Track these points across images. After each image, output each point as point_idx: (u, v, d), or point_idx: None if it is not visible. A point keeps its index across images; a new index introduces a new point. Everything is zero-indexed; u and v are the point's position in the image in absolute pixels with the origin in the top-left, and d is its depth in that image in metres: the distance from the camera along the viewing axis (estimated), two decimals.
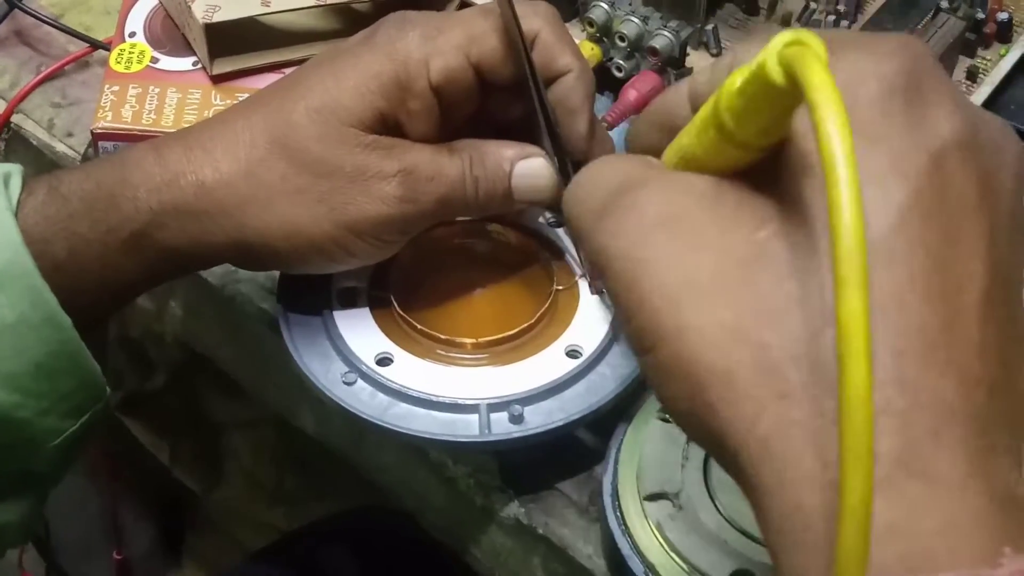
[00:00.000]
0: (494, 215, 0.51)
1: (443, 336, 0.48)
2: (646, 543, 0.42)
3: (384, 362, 0.47)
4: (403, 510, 0.56)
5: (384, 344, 0.48)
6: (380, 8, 0.60)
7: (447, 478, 0.50)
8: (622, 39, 0.59)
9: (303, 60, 0.48)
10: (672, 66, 0.58)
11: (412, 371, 0.47)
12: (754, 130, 0.28)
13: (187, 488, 1.03)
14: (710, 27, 0.60)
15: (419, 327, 0.48)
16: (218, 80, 0.60)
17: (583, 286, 0.50)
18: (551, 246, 0.51)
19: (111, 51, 0.61)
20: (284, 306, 0.49)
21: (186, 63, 0.61)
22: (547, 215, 0.52)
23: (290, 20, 0.61)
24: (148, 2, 0.64)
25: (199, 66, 0.61)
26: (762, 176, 0.29)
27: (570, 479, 0.48)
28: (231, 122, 0.44)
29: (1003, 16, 0.58)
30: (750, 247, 0.28)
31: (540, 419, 0.46)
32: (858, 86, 0.27)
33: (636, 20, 0.58)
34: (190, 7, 0.58)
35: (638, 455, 0.44)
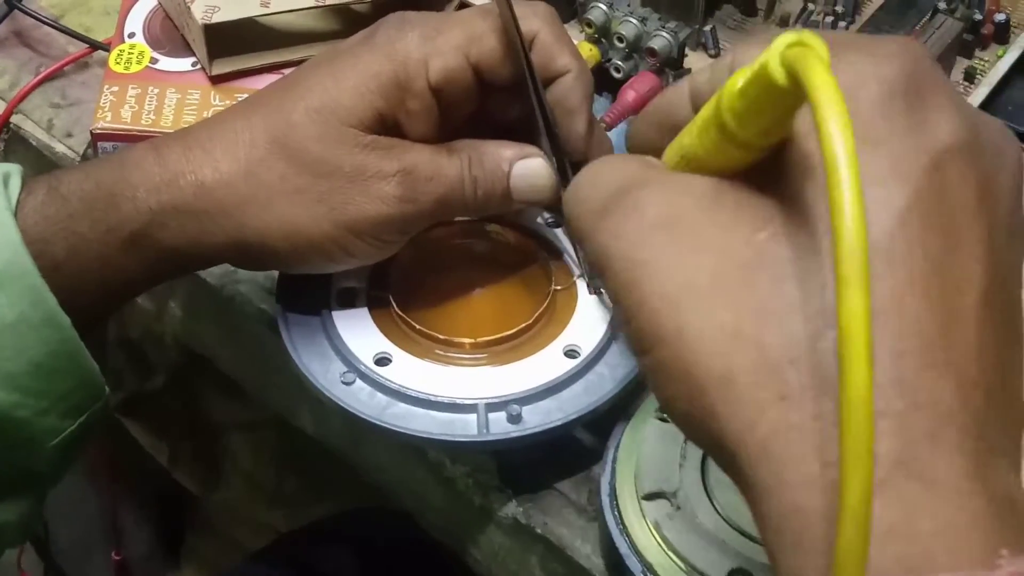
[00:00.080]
0: (493, 215, 0.51)
1: (442, 336, 0.48)
2: (644, 542, 0.42)
3: (383, 362, 0.48)
4: (402, 510, 0.56)
5: (383, 344, 0.48)
6: (379, 9, 0.60)
7: (445, 478, 0.50)
8: (620, 40, 0.59)
9: (302, 61, 0.48)
10: (670, 67, 0.58)
11: (411, 371, 0.47)
12: (755, 131, 0.28)
13: (186, 489, 1.03)
14: (708, 28, 0.60)
15: (418, 327, 0.48)
16: (217, 81, 0.60)
17: (581, 286, 0.50)
18: (549, 246, 0.51)
19: (110, 52, 0.62)
20: (283, 306, 0.49)
21: (185, 64, 0.61)
22: (545, 215, 0.52)
23: (289, 21, 0.61)
24: (147, 3, 0.64)
25: (198, 67, 0.61)
26: (762, 176, 0.29)
27: (568, 479, 0.49)
28: (230, 122, 0.44)
29: (1000, 17, 0.58)
30: (750, 248, 0.28)
31: (538, 419, 0.46)
32: (858, 88, 0.27)
33: (634, 21, 0.58)
34: (189, 8, 0.59)
35: (636, 455, 0.44)
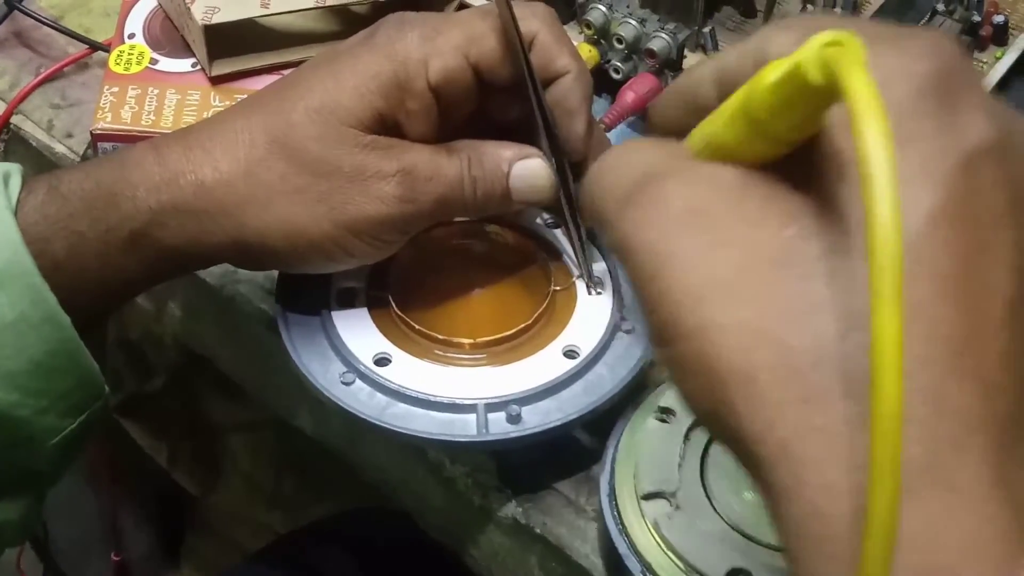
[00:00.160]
0: (492, 216, 0.51)
1: (441, 336, 0.48)
2: (643, 542, 0.42)
3: (382, 362, 0.48)
4: (401, 510, 0.56)
5: (382, 344, 0.48)
6: (378, 10, 0.60)
7: (445, 478, 0.50)
8: (620, 41, 0.59)
9: (302, 62, 0.48)
10: (670, 68, 0.58)
11: (410, 371, 0.47)
12: (786, 126, 0.27)
13: (186, 490, 1.03)
14: (707, 29, 0.60)
15: (417, 327, 0.48)
16: (217, 81, 0.60)
17: (580, 287, 0.50)
18: (549, 247, 0.52)
19: (110, 52, 0.62)
20: (283, 306, 0.49)
21: (185, 64, 0.61)
22: (545, 216, 0.52)
23: (289, 22, 0.61)
24: (147, 4, 0.64)
25: (198, 67, 0.61)
26: (791, 169, 0.28)
27: (568, 479, 0.49)
28: (230, 122, 0.44)
29: (999, 19, 0.58)
30: (777, 244, 0.27)
31: (537, 419, 0.46)
32: (889, 86, 0.26)
33: (634, 22, 0.58)
34: (189, 9, 0.59)
35: (635, 455, 0.45)
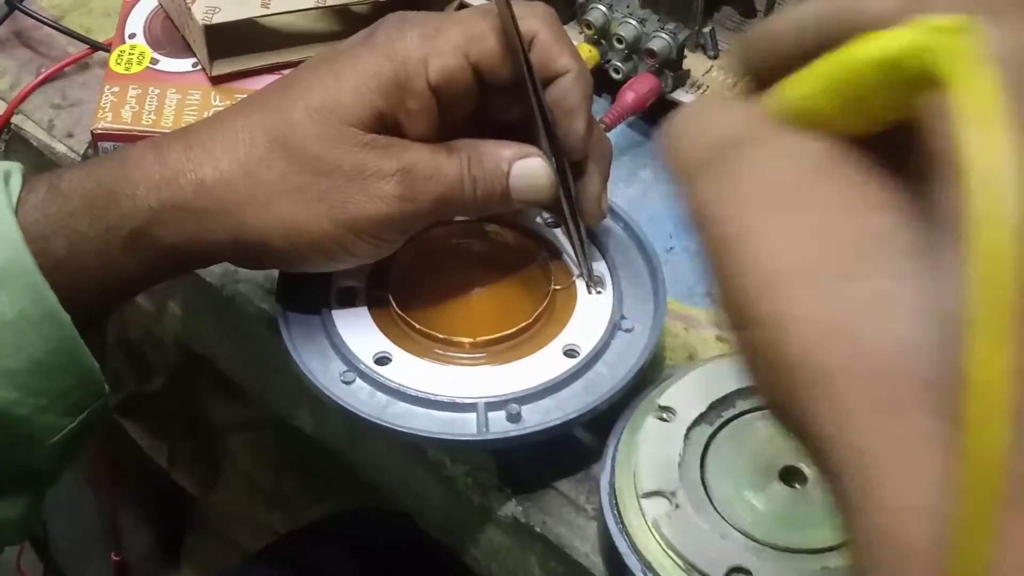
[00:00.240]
0: (492, 215, 0.51)
1: (441, 335, 0.48)
2: (643, 541, 0.42)
3: (382, 361, 0.48)
4: (401, 510, 0.56)
5: (382, 343, 0.48)
6: (379, 10, 0.60)
7: (445, 477, 0.50)
8: (620, 41, 0.59)
9: (302, 62, 0.48)
10: (669, 68, 0.58)
11: (410, 370, 0.47)
12: (884, 104, 0.25)
13: (185, 490, 1.03)
14: (707, 29, 0.60)
15: (417, 326, 0.48)
16: (217, 81, 0.61)
17: (580, 286, 0.50)
18: (549, 246, 0.52)
19: (111, 52, 0.62)
20: (283, 305, 0.49)
21: (186, 64, 0.61)
22: (545, 215, 0.52)
23: (289, 22, 0.61)
24: (148, 4, 0.64)
25: (199, 67, 0.61)
26: (886, 150, 0.26)
27: (568, 478, 0.49)
28: (231, 121, 0.45)
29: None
30: (863, 235, 0.25)
31: (537, 418, 0.46)
32: (1015, 68, 0.23)
33: (634, 22, 0.58)
34: (190, 9, 0.59)
35: (635, 454, 0.45)
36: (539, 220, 0.52)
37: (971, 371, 0.21)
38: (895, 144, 0.26)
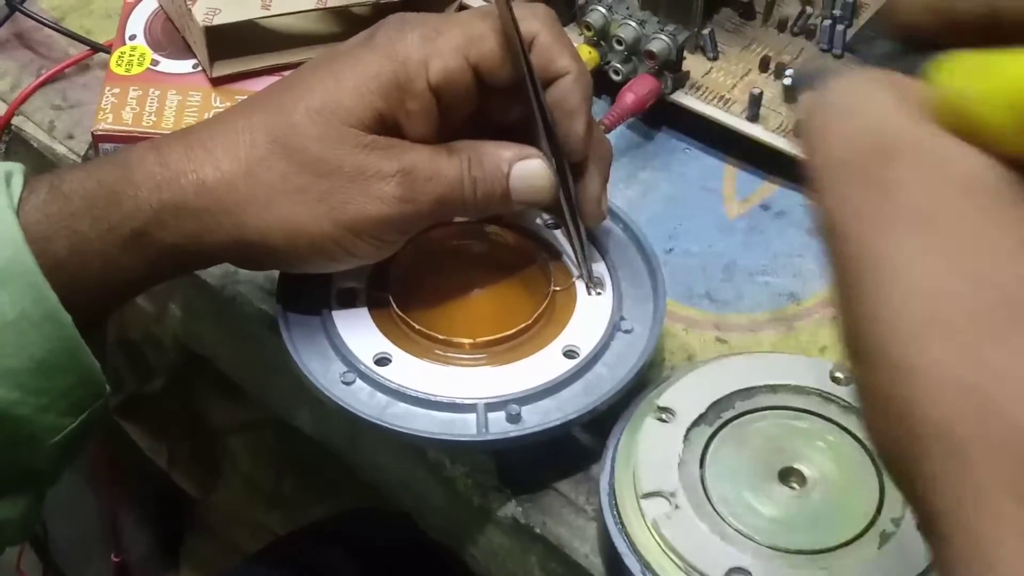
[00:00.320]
0: (492, 216, 0.51)
1: (441, 336, 0.48)
2: (643, 541, 0.42)
3: (383, 362, 0.48)
4: (401, 511, 0.56)
5: (383, 344, 0.48)
6: (379, 11, 0.60)
7: (445, 478, 0.50)
8: (619, 43, 0.59)
9: (302, 63, 0.48)
10: (669, 69, 0.58)
11: (410, 371, 0.47)
12: None
13: (185, 491, 1.03)
14: (707, 31, 0.60)
15: (417, 327, 0.48)
16: (218, 82, 0.61)
17: (580, 287, 0.50)
18: (549, 247, 0.52)
19: (112, 54, 0.62)
20: (283, 306, 0.49)
21: (186, 66, 0.62)
22: (545, 216, 0.52)
23: (290, 23, 0.62)
24: (148, 5, 0.65)
25: (199, 69, 0.61)
26: None
27: (567, 478, 0.49)
28: (232, 122, 0.45)
29: None
30: (1020, 287, 0.22)
31: (537, 419, 0.46)
32: None
33: (633, 24, 0.59)
34: (190, 10, 0.59)
35: (635, 454, 0.45)
36: (539, 221, 0.52)
37: None
38: None
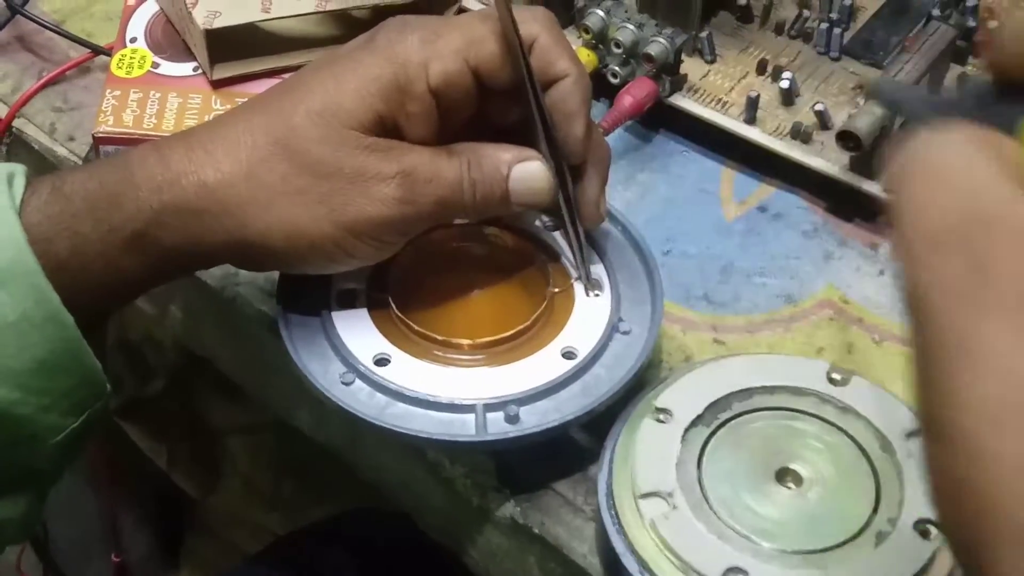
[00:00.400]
0: (491, 218, 0.51)
1: (440, 337, 0.48)
2: (641, 542, 0.43)
3: (382, 362, 0.48)
4: (400, 511, 0.57)
5: (382, 345, 0.48)
6: (379, 14, 0.60)
7: (444, 478, 0.50)
8: (618, 46, 0.59)
9: (302, 66, 0.48)
10: (667, 72, 0.59)
11: (410, 371, 0.48)
12: None
13: (185, 492, 1.03)
14: (704, 34, 0.60)
15: (417, 328, 0.48)
16: (218, 85, 0.61)
17: (579, 288, 0.50)
18: (547, 249, 0.52)
19: (112, 56, 0.62)
20: (283, 307, 0.49)
21: (187, 68, 0.62)
22: (544, 218, 0.53)
23: (290, 26, 0.62)
24: (149, 8, 0.65)
25: (199, 71, 0.62)
26: None
27: (566, 479, 0.49)
28: (232, 124, 0.45)
29: (994, 25, 0.59)
30: None
31: (536, 419, 0.46)
32: None
33: (632, 27, 0.59)
34: (191, 13, 0.59)
35: (633, 455, 0.45)
36: (538, 223, 0.53)
37: None
38: None
